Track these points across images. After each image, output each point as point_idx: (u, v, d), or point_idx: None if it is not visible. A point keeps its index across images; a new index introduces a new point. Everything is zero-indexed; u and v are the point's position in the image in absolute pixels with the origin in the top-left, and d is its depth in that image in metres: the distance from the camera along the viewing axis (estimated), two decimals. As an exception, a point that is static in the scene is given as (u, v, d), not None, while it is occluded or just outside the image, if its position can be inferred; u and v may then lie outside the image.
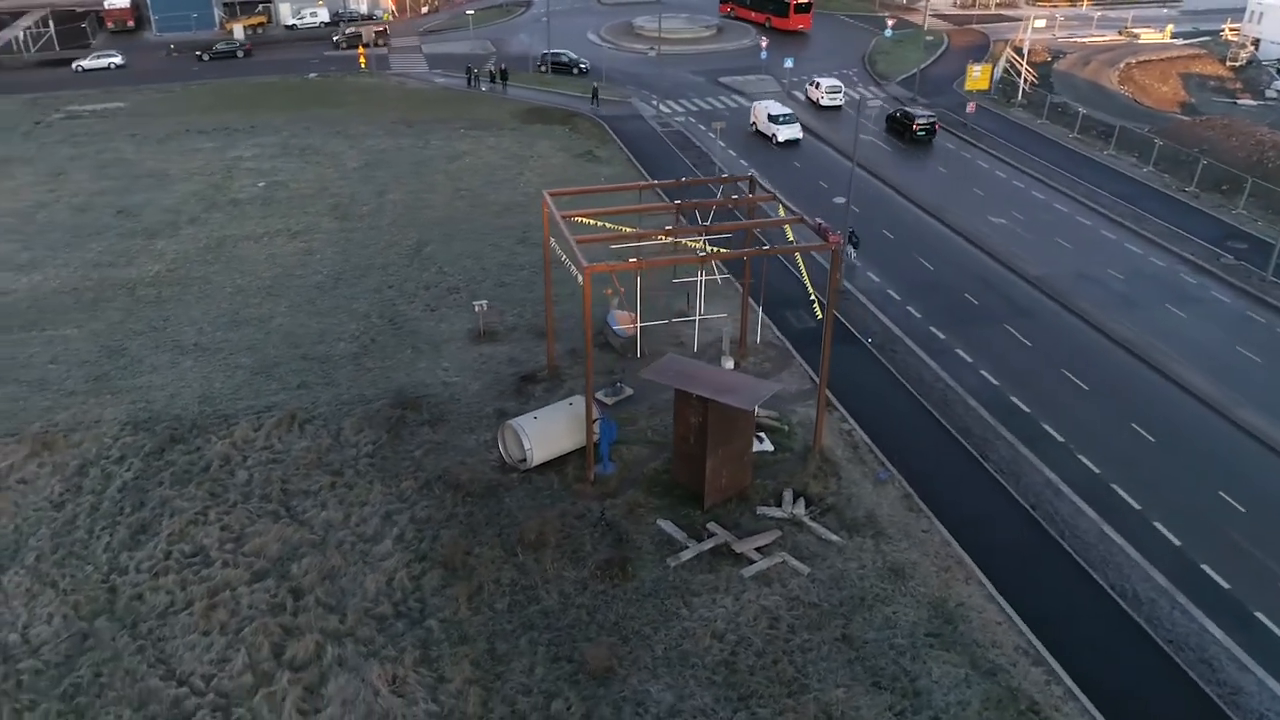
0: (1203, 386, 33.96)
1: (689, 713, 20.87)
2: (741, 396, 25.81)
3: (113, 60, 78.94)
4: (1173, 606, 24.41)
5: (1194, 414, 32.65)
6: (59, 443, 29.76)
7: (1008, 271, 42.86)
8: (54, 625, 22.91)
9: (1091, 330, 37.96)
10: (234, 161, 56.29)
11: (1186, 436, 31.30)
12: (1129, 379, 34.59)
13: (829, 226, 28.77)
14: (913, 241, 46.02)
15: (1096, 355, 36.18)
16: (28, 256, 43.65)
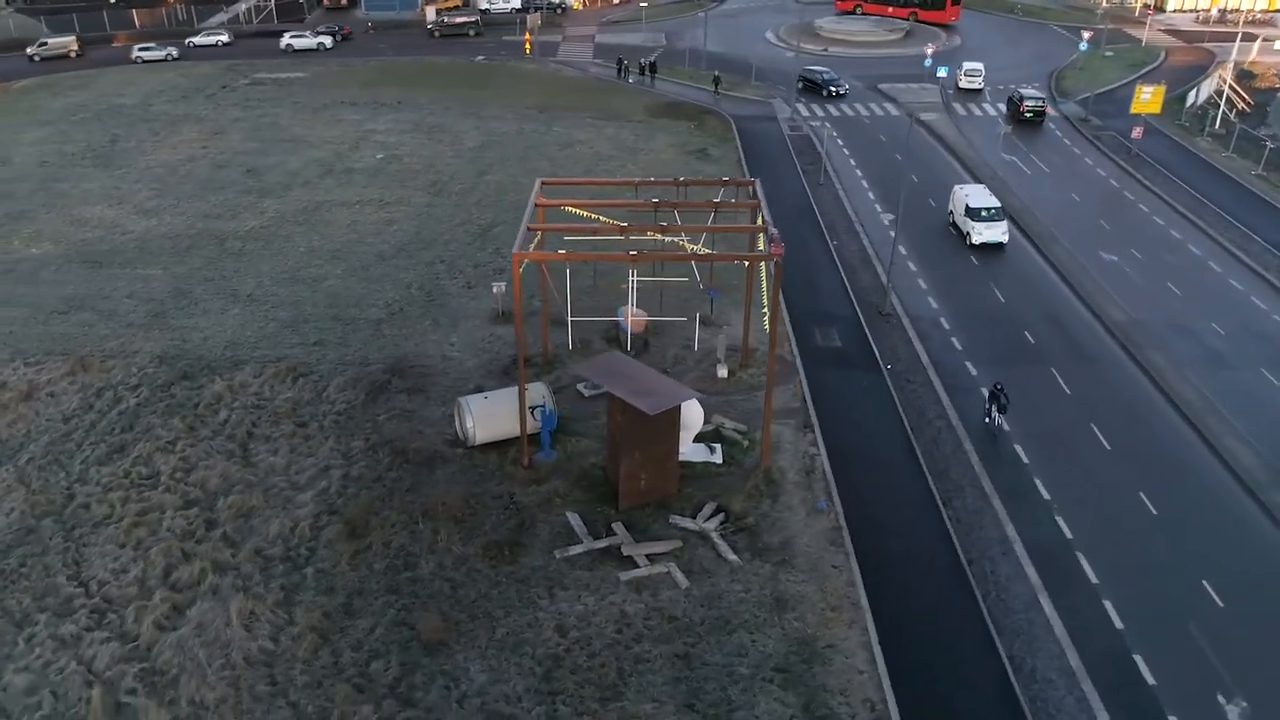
0: (1247, 463, 30.22)
1: (493, 696, 21.59)
2: (649, 400, 25.96)
3: (322, 41, 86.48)
4: (1070, 692, 22.33)
5: (1221, 492, 29.18)
6: (95, 365, 34.30)
7: (1088, 312, 39.59)
8: (10, 518, 26.81)
9: (1150, 386, 34.55)
10: (366, 134, 61.30)
11: (1197, 515, 28.08)
12: (1163, 444, 31.31)
13: (778, 237, 28.13)
14: (996, 269, 43.38)
15: (1139, 414, 32.95)
16: (155, 203, 49.90)
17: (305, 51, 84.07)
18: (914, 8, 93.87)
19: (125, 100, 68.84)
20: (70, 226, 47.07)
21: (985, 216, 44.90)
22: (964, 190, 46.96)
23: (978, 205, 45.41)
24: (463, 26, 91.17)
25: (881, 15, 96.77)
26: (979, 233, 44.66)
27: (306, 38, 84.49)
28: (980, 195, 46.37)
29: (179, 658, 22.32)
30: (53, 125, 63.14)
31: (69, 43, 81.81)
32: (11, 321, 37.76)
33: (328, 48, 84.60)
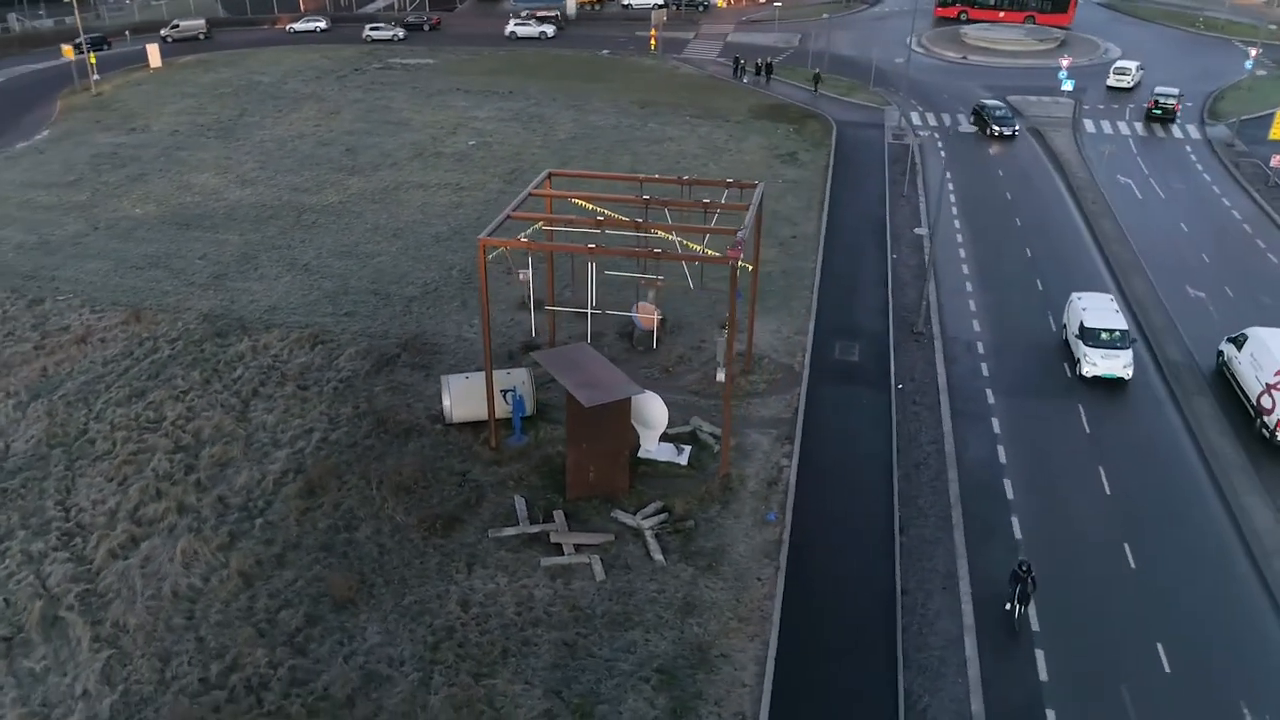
0: (1261, 527, 27.79)
1: (378, 658, 22.83)
2: (588, 392, 26.56)
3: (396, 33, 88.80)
4: (958, 736, 21.49)
5: (1216, 552, 26.98)
6: (147, 318, 37.91)
7: (1144, 349, 37.13)
8: (27, 445, 30.22)
9: (1181, 429, 32.22)
10: (467, 120, 64.14)
11: (1177, 573, 26.14)
12: (1172, 494, 29.18)
13: (741, 242, 28.02)
14: (1058, 293, 41.20)
15: (1158, 456, 30.83)
16: (255, 174, 54.16)
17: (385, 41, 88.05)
18: (1030, 11, 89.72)
19: (264, 78, 74.62)
20: (175, 191, 51.79)
21: (1104, 340, 34.27)
22: (1081, 301, 36.17)
23: (1096, 324, 34.57)
24: (544, 20, 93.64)
25: (992, 20, 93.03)
26: (1092, 363, 33.98)
27: (382, 30, 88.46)
28: (1101, 310, 35.47)
29: (119, 584, 24.72)
30: (194, 98, 69.30)
31: (199, 26, 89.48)
32: (95, 273, 42.11)
33: (400, 39, 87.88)
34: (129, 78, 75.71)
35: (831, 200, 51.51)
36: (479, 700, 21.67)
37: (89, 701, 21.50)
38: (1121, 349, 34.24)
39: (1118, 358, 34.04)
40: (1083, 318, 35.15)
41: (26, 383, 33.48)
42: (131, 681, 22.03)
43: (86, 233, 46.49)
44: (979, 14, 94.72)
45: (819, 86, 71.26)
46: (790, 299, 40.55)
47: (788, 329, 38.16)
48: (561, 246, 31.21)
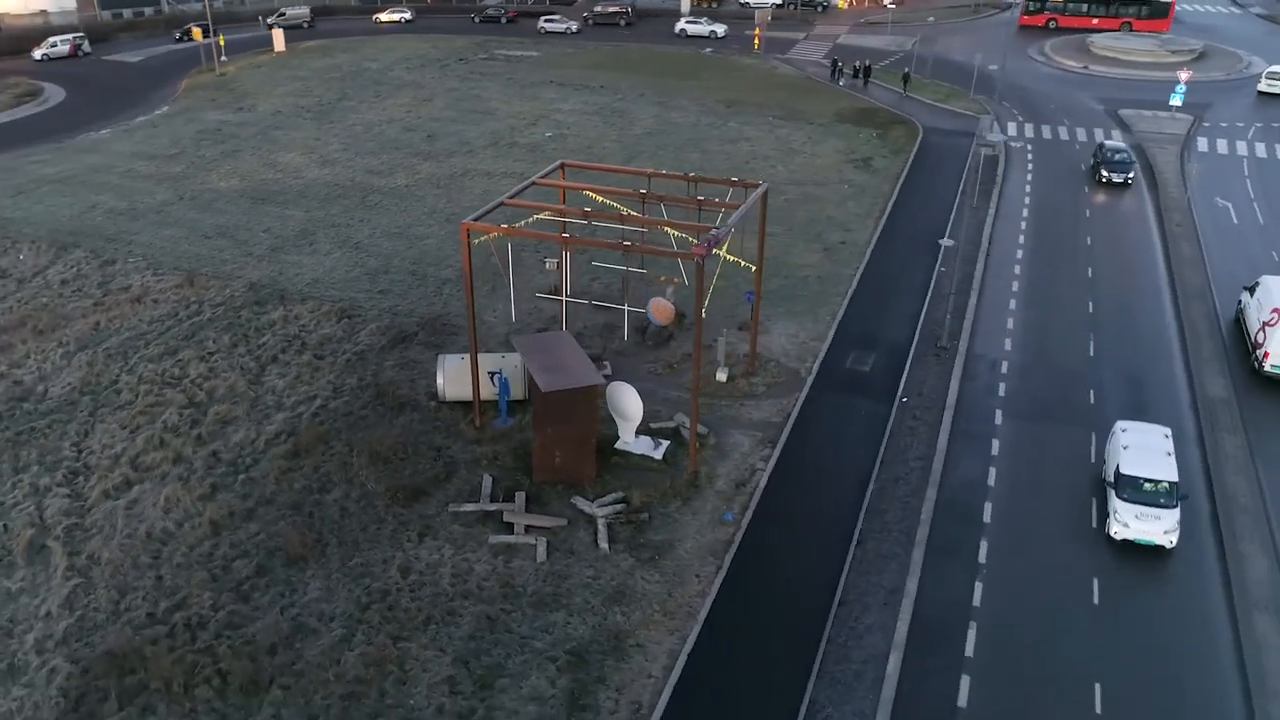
0: (1259, 575, 26.19)
1: (311, 612, 24.30)
2: (548, 378, 27.42)
3: (570, 25, 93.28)
4: (850, 751, 21.31)
5: (1196, 605, 25.62)
6: (199, 283, 40.92)
7: (1183, 375, 35.29)
8: (64, 390, 33.28)
9: (1199, 473, 30.56)
10: (551, 112, 65.88)
11: (1140, 616, 24.99)
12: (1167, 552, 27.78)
13: (715, 239, 28.21)
14: (1103, 317, 39.50)
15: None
16: (336, 155, 57.31)
17: (555, 34, 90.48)
18: (1127, 18, 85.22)
19: (373, 65, 78.49)
20: (261, 167, 55.37)
21: (1145, 494, 26.91)
22: (1125, 435, 28.82)
23: (1137, 471, 27.29)
24: (614, 16, 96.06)
25: (1085, 27, 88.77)
26: (1123, 521, 26.74)
27: (556, 22, 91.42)
28: (1147, 450, 27.94)
29: (104, 522, 27.11)
30: (304, 81, 73.62)
31: (304, 14, 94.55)
32: (168, 239, 45.65)
33: (574, 31, 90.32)
34: (252, 60, 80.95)
35: (893, 208, 50.62)
36: (390, 661, 22.84)
37: (48, 622, 23.79)
38: (1166, 508, 26.67)
39: (1159, 519, 26.42)
40: (1120, 459, 27.78)
41: (78, 334, 36.77)
42: (89, 609, 24.21)
43: (171, 202, 50.32)
44: (1069, 21, 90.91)
45: (907, 87, 70.24)
46: (819, 305, 40.28)
47: (806, 334, 37.97)
48: (535, 234, 31.94)
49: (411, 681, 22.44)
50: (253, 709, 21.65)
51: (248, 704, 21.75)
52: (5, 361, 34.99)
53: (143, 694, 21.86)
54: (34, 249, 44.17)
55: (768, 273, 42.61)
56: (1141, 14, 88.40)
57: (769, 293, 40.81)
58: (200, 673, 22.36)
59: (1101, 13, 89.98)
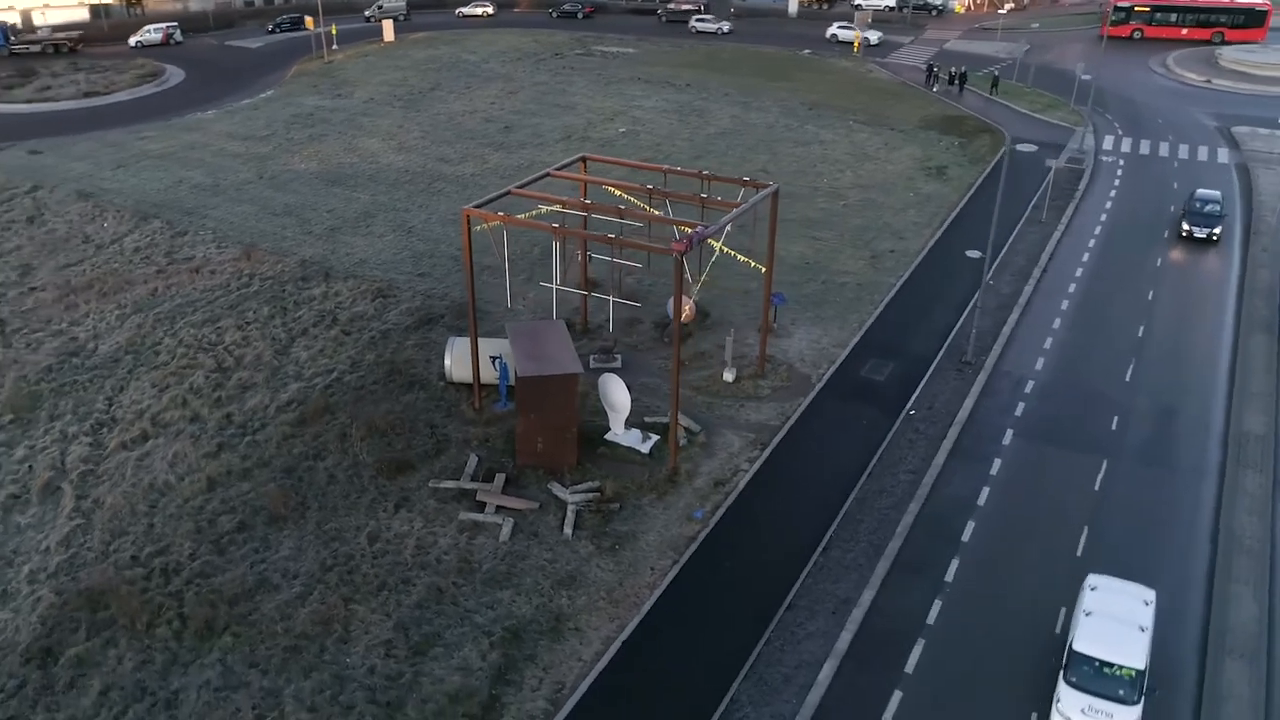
0: (1245, 616, 24.97)
1: (276, 568, 25.88)
2: (525, 364, 28.35)
3: (721, 25, 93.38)
4: (757, 751, 21.47)
5: (1163, 655, 24.61)
6: (256, 257, 43.57)
7: (1220, 413, 33.64)
8: (111, 347, 36.11)
9: (1208, 510, 29.20)
10: (630, 108, 66.87)
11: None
12: (1158, 568, 26.73)
13: (699, 236, 28.49)
14: (1159, 345, 37.89)
15: (1155, 529, 28.21)
16: (414, 143, 59.74)
17: (706, 33, 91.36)
18: (1219, 28, 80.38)
19: (471, 57, 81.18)
20: (341, 151, 58.24)
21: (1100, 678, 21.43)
22: (1090, 597, 23.12)
23: (1090, 650, 21.85)
24: (685, 14, 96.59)
25: (1174, 38, 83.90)
26: (1064, 714, 21.34)
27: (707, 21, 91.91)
28: (1111, 620, 22.36)
29: (115, 471, 29.47)
30: (402, 71, 76.77)
31: (400, 7, 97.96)
32: (238, 215, 48.68)
33: (725, 31, 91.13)
34: (361, 50, 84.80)
35: (955, 219, 49.55)
36: (337, 620, 24.18)
37: (45, 556, 26.11)
38: (1124, 703, 21.01)
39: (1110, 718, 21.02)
40: (1077, 630, 22.29)
41: (136, 299, 39.77)
42: (83, 548, 26.45)
43: (251, 180, 53.55)
44: (1156, 31, 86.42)
45: (995, 91, 68.53)
46: (850, 311, 39.97)
47: (829, 340, 37.78)
48: (528, 223, 32.71)
49: (352, 641, 23.71)
50: (203, 652, 23.30)
51: (199, 647, 23.42)
52: (67, 319, 38.16)
53: (109, 628, 23.80)
54: (118, 218, 47.81)
55: (805, 277, 42.73)
56: (1235, 23, 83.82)
57: (801, 296, 40.86)
58: (163, 614, 24.18)
59: (1191, 22, 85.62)
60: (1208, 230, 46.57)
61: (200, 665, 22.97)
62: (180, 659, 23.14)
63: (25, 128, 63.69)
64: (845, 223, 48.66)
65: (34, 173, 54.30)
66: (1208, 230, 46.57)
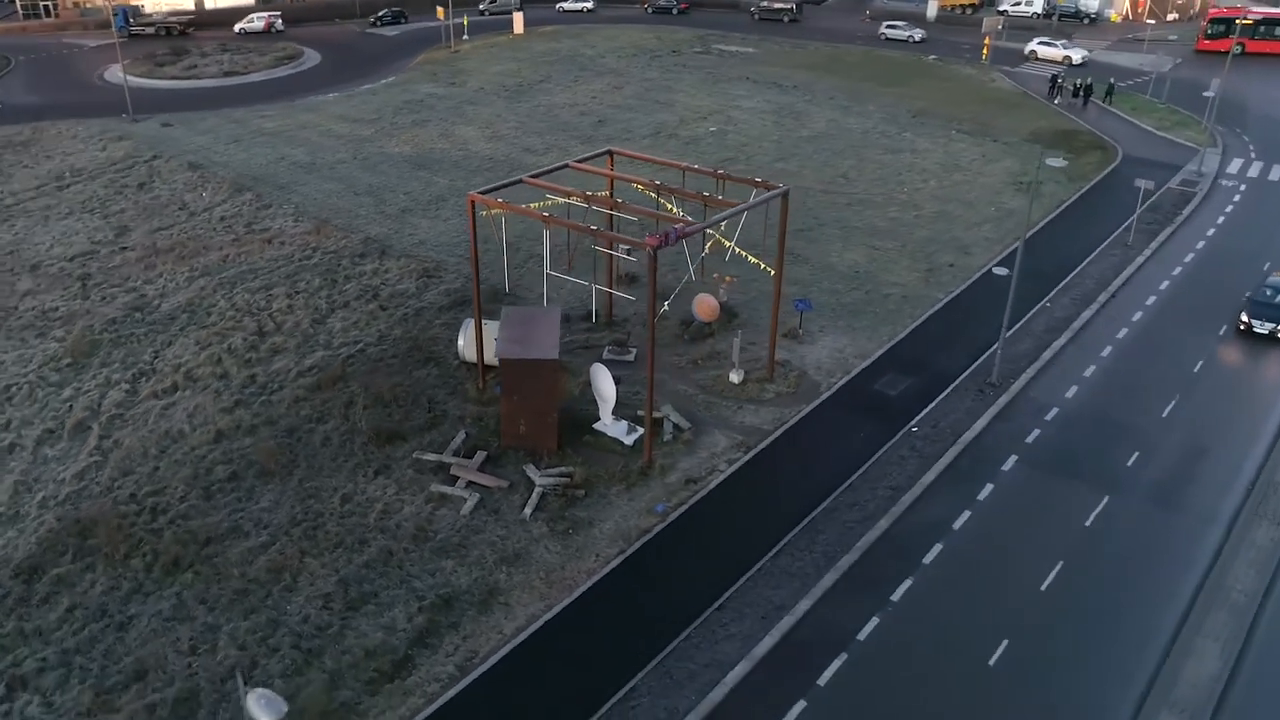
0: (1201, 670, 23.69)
1: (251, 517, 28.01)
2: (507, 347, 29.64)
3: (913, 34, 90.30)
4: (639, 740, 22.00)
5: (1104, 692, 23.61)
6: (325, 232, 46.62)
7: (1256, 460, 31.61)
8: (171, 307, 39.58)
9: (1204, 560, 27.65)
10: (728, 108, 67.28)
11: (1035, 686, 23.42)
12: (1121, 616, 25.60)
13: (674, 232, 28.94)
14: (1222, 379, 35.82)
15: (1135, 572, 26.94)
16: (506, 132, 62.13)
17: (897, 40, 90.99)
18: None
19: (589, 52, 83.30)
20: (436, 138, 61.21)
21: None
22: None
23: None
24: (779, 13, 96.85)
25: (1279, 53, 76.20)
26: None
27: (899, 29, 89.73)
28: None
29: (140, 416, 32.53)
30: (519, 63, 79.64)
31: (511, 2, 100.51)
32: (323, 192, 52.08)
33: (917, 40, 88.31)
34: (489, 41, 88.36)
35: (1032, 237, 47.78)
36: (287, 569, 26.09)
37: (59, 486, 29.21)
38: None
39: None
40: None
41: (207, 263, 43.36)
42: (92, 482, 29.42)
43: (345, 160, 57.06)
44: (1260, 46, 79.07)
45: (1109, 100, 65.25)
46: (885, 323, 39.43)
47: (853, 350, 37.44)
48: (523, 210, 33.75)
49: (297, 591, 25.54)
50: (165, 585, 25.65)
51: (163, 580, 25.78)
52: (143, 278, 42.04)
53: (92, 555, 26.49)
54: (216, 188, 52.02)
55: (850, 285, 42.49)
56: None
57: (839, 305, 40.69)
58: (140, 548, 26.71)
59: None
60: (1273, 326, 38.74)
61: (159, 596, 25.29)
62: (144, 588, 25.54)
63: (167, 102, 69.78)
64: (911, 234, 47.77)
65: (159, 144, 59.57)
66: (1273, 326, 38.74)
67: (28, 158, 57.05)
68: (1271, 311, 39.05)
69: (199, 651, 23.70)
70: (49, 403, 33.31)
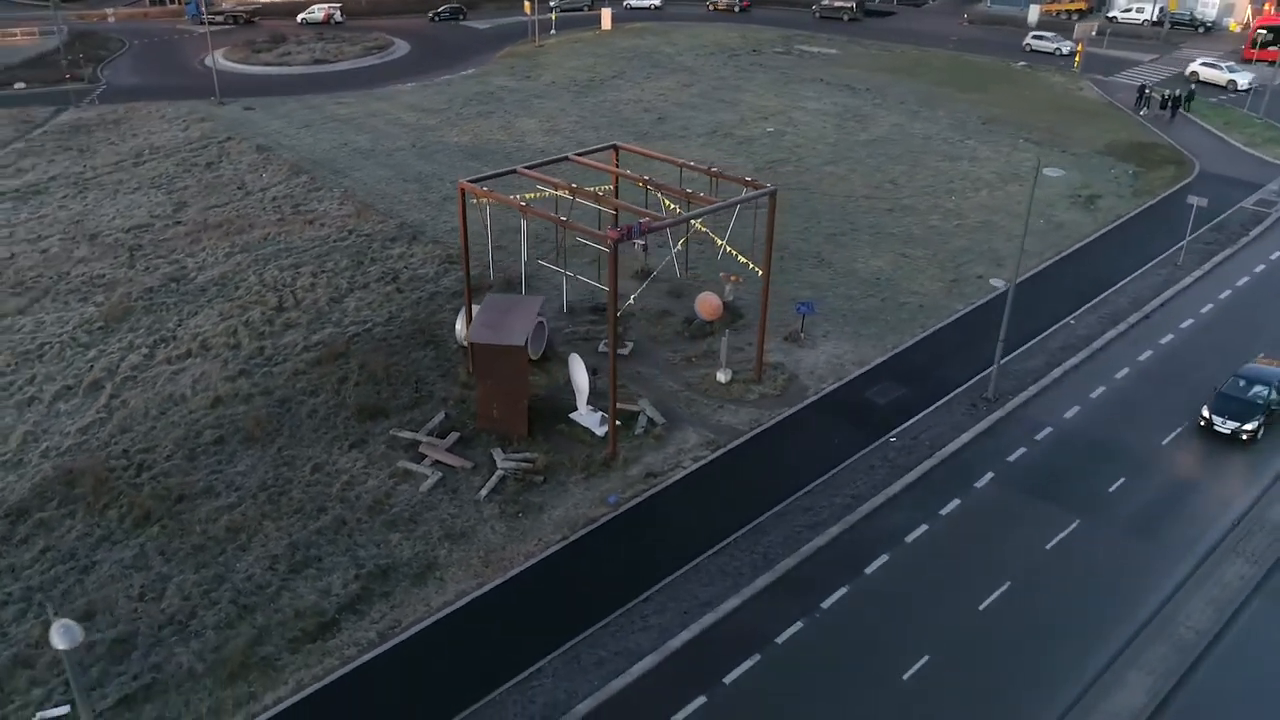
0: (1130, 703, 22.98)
1: (228, 480, 29.76)
2: (476, 330, 30.78)
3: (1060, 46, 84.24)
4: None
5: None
6: (365, 216, 48.67)
7: (1251, 497, 30.21)
8: (205, 279, 42.09)
9: (1166, 589, 26.65)
10: (792, 109, 66.95)
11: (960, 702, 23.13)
12: (1054, 644, 24.97)
13: (636, 228, 29.40)
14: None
15: (1082, 601, 26.18)
16: (564, 126, 63.32)
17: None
18: None
19: (670, 49, 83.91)
20: (496, 130, 62.89)
21: None
22: None
23: None
24: (839, 11, 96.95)
25: None
26: None
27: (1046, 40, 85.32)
28: None
29: (150, 378, 34.84)
30: (596, 58, 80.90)
31: None
32: (375, 178, 54.26)
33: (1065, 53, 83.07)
34: (575, 36, 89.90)
35: (1075, 253, 46.34)
36: (245, 530, 27.73)
37: (63, 438, 31.62)
38: None
39: None
40: None
41: (248, 240, 45.87)
42: (93, 437, 31.76)
43: (404, 148, 59.25)
44: None
45: (1187, 108, 62.39)
46: (894, 332, 38.96)
47: (852, 357, 37.17)
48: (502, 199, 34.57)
49: (249, 551, 27.12)
50: (132, 535, 27.59)
51: (132, 531, 27.73)
52: (187, 251, 44.79)
53: (75, 504, 28.68)
54: (276, 170, 54.78)
55: (867, 292, 42.18)
56: None
57: (851, 310, 40.51)
58: (119, 500, 28.77)
59: None
60: (1234, 426, 32.41)
61: (124, 545, 27.24)
62: (113, 537, 27.53)
63: (257, 87, 73.63)
64: (947, 243, 46.87)
65: (237, 126, 63.01)
66: (1234, 426, 32.41)
67: (115, 135, 61.16)
68: (1239, 407, 32.69)
69: (146, 599, 25.47)
70: (74, 362, 35.97)
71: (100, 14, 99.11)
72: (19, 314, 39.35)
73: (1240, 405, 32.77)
